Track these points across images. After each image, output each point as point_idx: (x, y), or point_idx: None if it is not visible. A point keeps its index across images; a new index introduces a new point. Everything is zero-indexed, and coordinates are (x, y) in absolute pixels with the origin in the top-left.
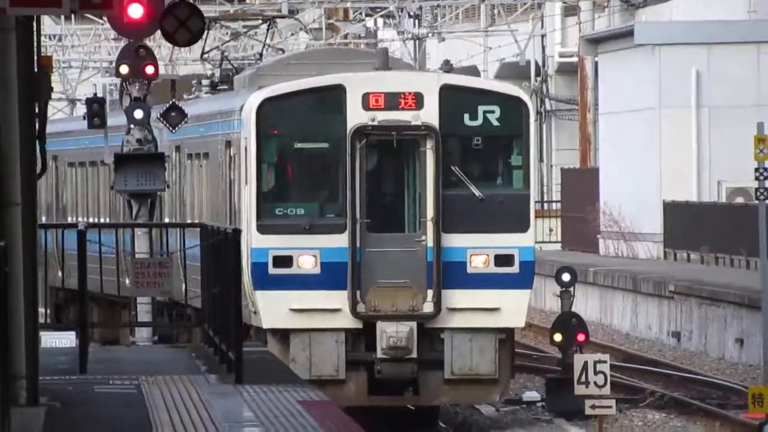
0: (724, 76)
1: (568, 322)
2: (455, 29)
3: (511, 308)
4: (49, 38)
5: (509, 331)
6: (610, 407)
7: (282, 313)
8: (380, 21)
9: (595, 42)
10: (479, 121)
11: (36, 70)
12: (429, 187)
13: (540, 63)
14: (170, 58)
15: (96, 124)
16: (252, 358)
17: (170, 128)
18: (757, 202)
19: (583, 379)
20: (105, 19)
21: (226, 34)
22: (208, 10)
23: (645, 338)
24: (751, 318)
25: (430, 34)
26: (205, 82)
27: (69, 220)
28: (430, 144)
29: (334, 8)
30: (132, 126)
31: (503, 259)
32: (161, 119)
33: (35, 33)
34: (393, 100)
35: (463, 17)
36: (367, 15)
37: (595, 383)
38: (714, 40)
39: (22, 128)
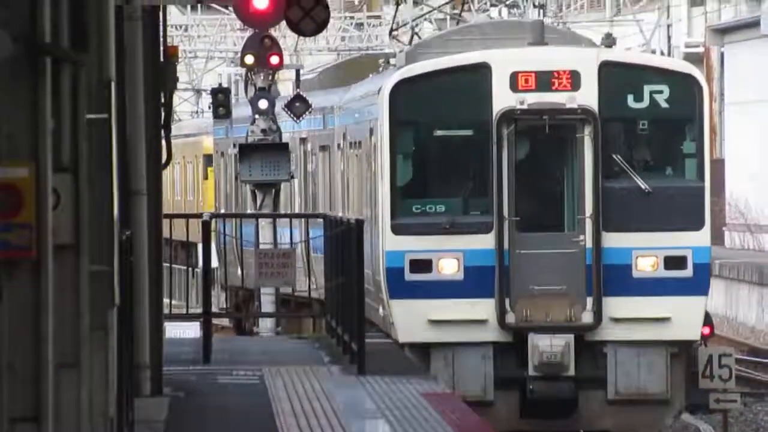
0: None
1: None
2: (580, 19)
3: (685, 318)
4: (175, 28)
5: (682, 345)
6: (735, 401)
7: (420, 325)
8: (504, 11)
9: (722, 32)
10: (645, 103)
11: (162, 60)
12: (587, 179)
13: (666, 53)
14: (295, 48)
15: (221, 114)
16: (375, 348)
17: (295, 119)
18: None
19: (707, 372)
20: (230, 8)
21: (421, 9)
22: (334, 2)
23: (761, 328)
24: None
25: (555, 24)
26: (392, 61)
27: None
28: (588, 130)
29: None
30: (257, 116)
31: (675, 262)
32: (286, 109)
33: (161, 23)
34: (545, 80)
35: (588, 7)
36: (492, 5)
37: (719, 377)
38: None
39: (148, 118)
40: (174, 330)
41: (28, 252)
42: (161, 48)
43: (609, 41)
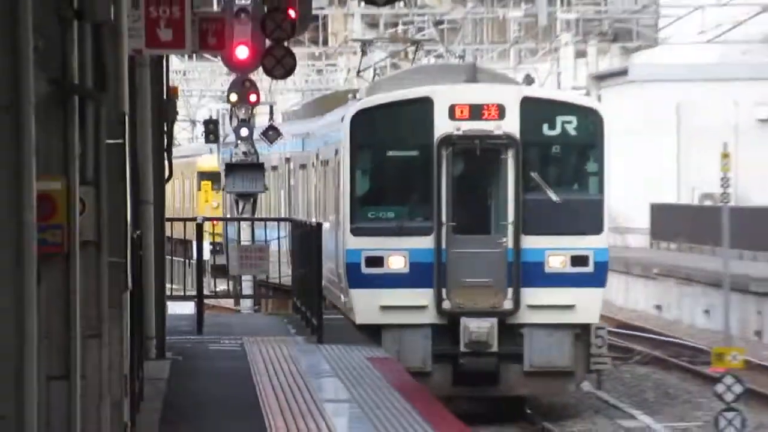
0: (698, 106)
1: None
2: (491, 67)
3: (587, 305)
4: (176, 73)
5: (584, 327)
6: (606, 363)
7: (374, 310)
8: (433, 60)
9: (599, 78)
10: (557, 131)
11: (165, 97)
12: (510, 192)
13: None
14: (269, 89)
15: (211, 140)
16: (331, 324)
17: (269, 143)
18: (721, 204)
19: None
20: (219, 58)
21: (386, 51)
22: (300, 53)
23: (634, 310)
24: (715, 294)
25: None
26: (357, 95)
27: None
28: (511, 152)
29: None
30: (239, 141)
31: (579, 260)
32: (262, 136)
33: (165, 68)
34: (477, 111)
35: (497, 57)
36: (424, 56)
37: (596, 345)
38: (691, 78)
39: (154, 143)
40: (174, 308)
41: (60, 247)
42: (164, 88)
43: (528, 80)
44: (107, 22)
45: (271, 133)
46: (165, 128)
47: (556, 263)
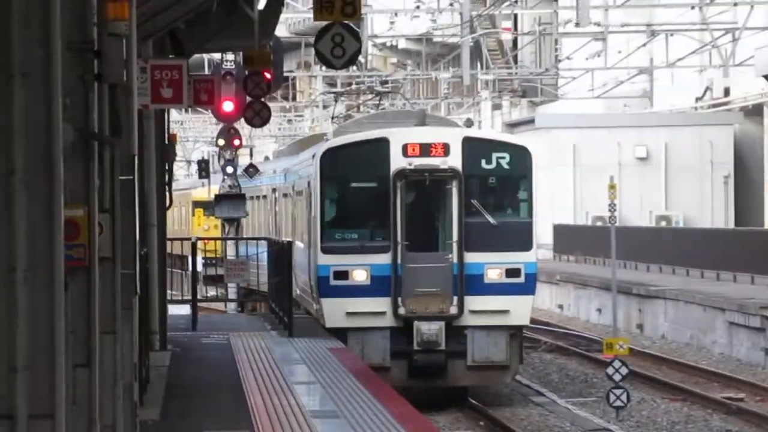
0: (590, 147)
1: None
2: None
3: (519, 310)
4: (174, 123)
5: (518, 328)
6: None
7: (341, 316)
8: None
9: (512, 125)
10: (493, 165)
11: (166, 142)
12: (454, 216)
13: None
14: (250, 135)
15: (203, 176)
16: (300, 321)
17: (249, 177)
18: (609, 224)
19: None
20: (209, 110)
21: (355, 101)
22: (274, 106)
23: (541, 308)
24: (605, 296)
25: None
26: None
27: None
28: (455, 183)
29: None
30: (226, 176)
31: (513, 272)
32: (243, 172)
33: (166, 119)
34: (426, 149)
35: (431, 110)
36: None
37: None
38: (584, 125)
39: (158, 178)
40: (173, 309)
41: (83, 262)
42: (166, 135)
43: (469, 123)
44: (121, 83)
45: (251, 170)
46: (166, 167)
47: (494, 275)
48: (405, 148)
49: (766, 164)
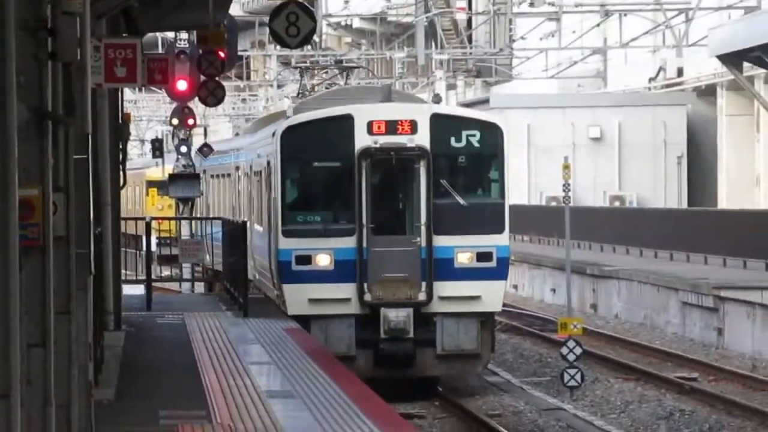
0: (544, 127)
1: None
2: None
3: (491, 296)
4: (128, 102)
5: (489, 315)
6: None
7: (303, 302)
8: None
9: (466, 106)
10: (463, 143)
11: (120, 121)
12: (422, 197)
13: None
14: (204, 114)
15: (157, 155)
16: (254, 301)
17: (204, 157)
18: (563, 204)
19: None
20: (163, 89)
21: (320, 78)
22: (228, 85)
23: None
24: (560, 276)
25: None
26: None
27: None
28: (422, 162)
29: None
30: (180, 156)
31: (484, 256)
32: (198, 152)
33: (120, 98)
34: (392, 127)
35: None
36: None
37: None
38: (538, 105)
39: (112, 158)
40: (127, 289)
41: (38, 242)
42: (120, 114)
43: (437, 99)
44: (74, 62)
45: (205, 149)
46: (120, 146)
47: (464, 259)
48: (370, 125)
49: (719, 144)
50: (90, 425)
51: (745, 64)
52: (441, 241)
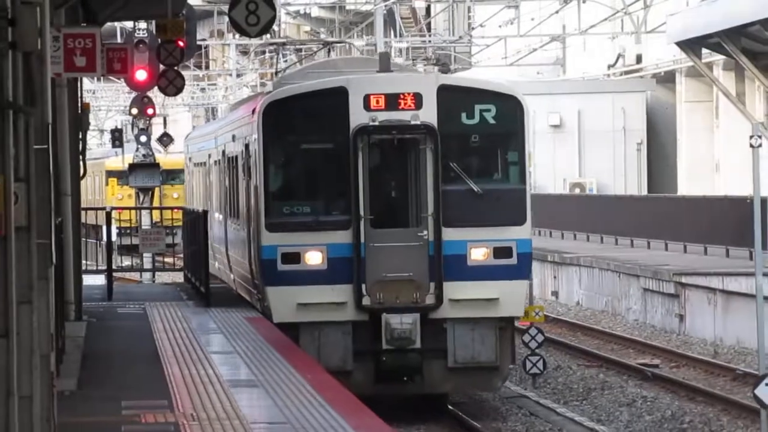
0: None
1: None
2: None
3: (510, 298)
4: (87, 92)
5: (509, 320)
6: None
7: (291, 308)
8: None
9: None
10: (476, 120)
11: (80, 111)
12: (429, 183)
13: None
14: (163, 104)
15: (116, 145)
16: (217, 291)
17: (164, 147)
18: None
19: None
20: (122, 79)
21: (300, 55)
22: (187, 75)
23: None
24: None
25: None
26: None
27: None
28: (429, 142)
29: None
30: (140, 146)
31: (502, 252)
32: (157, 141)
33: (79, 88)
34: (393, 101)
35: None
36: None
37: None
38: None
39: (71, 147)
40: (88, 280)
41: None
42: (79, 104)
43: (445, 69)
44: (34, 51)
45: (165, 139)
46: (80, 136)
47: (479, 255)
48: (367, 99)
49: (679, 131)
50: (52, 416)
51: (704, 51)
52: (451, 234)
